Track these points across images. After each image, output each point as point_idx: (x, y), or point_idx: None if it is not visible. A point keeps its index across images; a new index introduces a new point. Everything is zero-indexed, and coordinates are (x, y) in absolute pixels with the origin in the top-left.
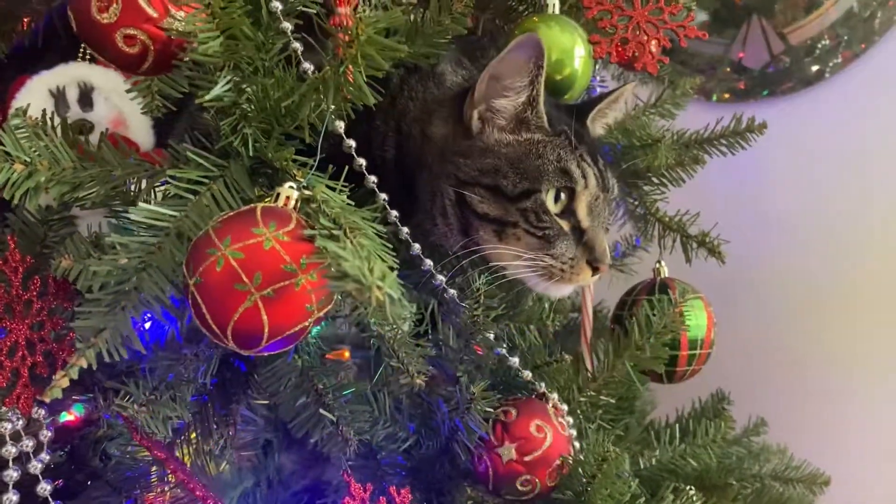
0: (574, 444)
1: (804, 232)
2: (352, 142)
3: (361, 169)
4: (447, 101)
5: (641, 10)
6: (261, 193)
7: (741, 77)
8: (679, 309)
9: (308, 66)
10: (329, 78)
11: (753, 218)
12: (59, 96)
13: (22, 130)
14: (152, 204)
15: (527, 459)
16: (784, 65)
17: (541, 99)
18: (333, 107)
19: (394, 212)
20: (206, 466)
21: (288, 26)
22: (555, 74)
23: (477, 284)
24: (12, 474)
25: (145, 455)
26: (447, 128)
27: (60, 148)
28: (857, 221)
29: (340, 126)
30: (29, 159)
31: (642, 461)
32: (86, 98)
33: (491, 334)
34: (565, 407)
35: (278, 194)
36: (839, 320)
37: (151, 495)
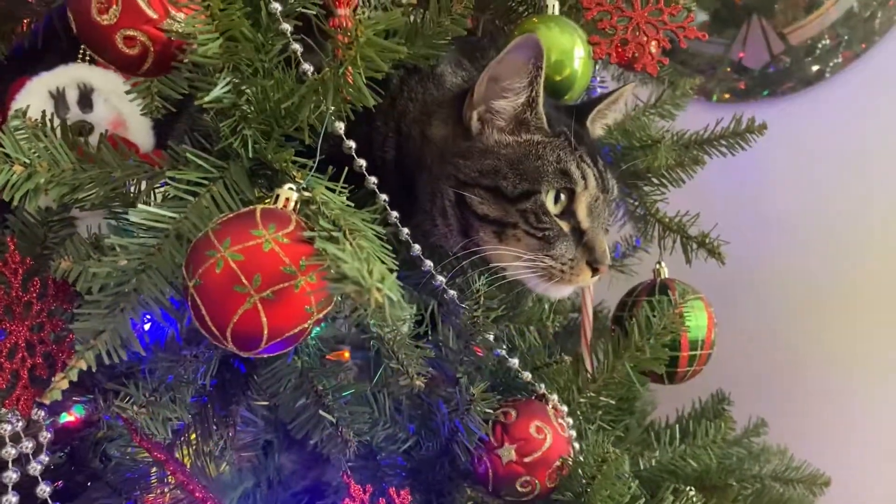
0: (574, 445)
1: (804, 232)
2: (352, 143)
3: (361, 170)
4: (447, 103)
5: (641, 11)
6: (260, 195)
7: (741, 77)
8: (679, 310)
9: (308, 68)
10: (329, 79)
11: (753, 218)
12: (59, 97)
13: (21, 132)
14: (152, 205)
15: (526, 460)
16: (784, 65)
17: (540, 100)
18: (333, 108)
19: (394, 213)
20: (206, 467)
21: (287, 28)
22: (554, 75)
23: (477, 285)
24: (12, 476)
25: (145, 456)
26: (447, 129)
27: (60, 149)
28: (857, 221)
29: (340, 127)
30: (28, 161)
31: (642, 462)
32: (85, 99)
33: (491, 335)
34: (565, 408)
35: (278, 196)
36: (839, 320)
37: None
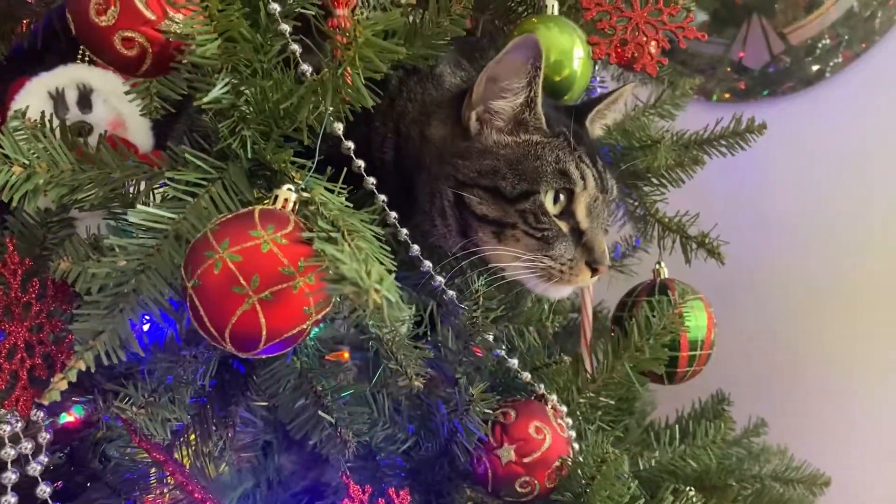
0: (573, 446)
1: (804, 232)
2: (350, 143)
3: (360, 171)
4: (446, 103)
5: (640, 12)
6: (259, 196)
7: (741, 77)
8: (679, 310)
9: (306, 68)
10: (327, 80)
11: (753, 218)
12: (58, 98)
13: (21, 132)
14: (151, 206)
15: (526, 461)
16: (784, 64)
17: (539, 100)
18: (332, 109)
19: (393, 213)
20: (206, 468)
21: (286, 28)
22: (554, 76)
23: (476, 286)
24: (11, 476)
25: (144, 457)
26: (446, 129)
27: (59, 150)
28: (857, 221)
29: (339, 128)
30: (28, 161)
31: (642, 462)
32: (85, 100)
33: (490, 336)
34: (564, 408)
35: (276, 196)
36: (839, 320)
37: (151, 497)
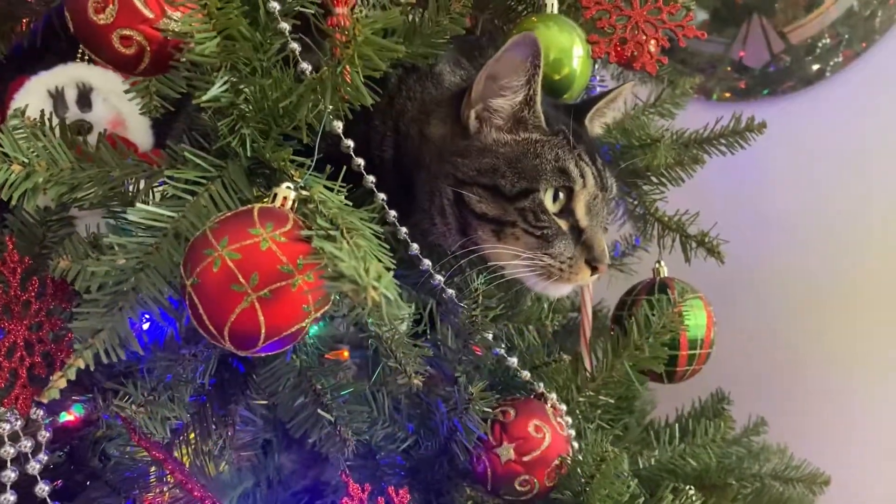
0: (573, 444)
1: (804, 231)
2: (350, 142)
3: (359, 169)
4: (445, 101)
5: (640, 10)
6: (258, 194)
7: (741, 76)
8: (678, 309)
9: (306, 67)
10: (327, 78)
11: (753, 217)
12: (58, 97)
13: (20, 131)
14: (150, 204)
15: (525, 459)
16: (784, 64)
17: (538, 98)
18: (331, 107)
19: (392, 211)
20: (205, 467)
21: (285, 26)
22: (553, 74)
23: (475, 284)
24: (10, 475)
25: (144, 455)
26: (445, 128)
27: (59, 148)
28: (857, 221)
29: (338, 126)
30: (27, 160)
31: (641, 461)
32: (84, 99)
33: (489, 334)
34: (564, 407)
35: (276, 195)
36: (839, 320)
37: (150, 495)
